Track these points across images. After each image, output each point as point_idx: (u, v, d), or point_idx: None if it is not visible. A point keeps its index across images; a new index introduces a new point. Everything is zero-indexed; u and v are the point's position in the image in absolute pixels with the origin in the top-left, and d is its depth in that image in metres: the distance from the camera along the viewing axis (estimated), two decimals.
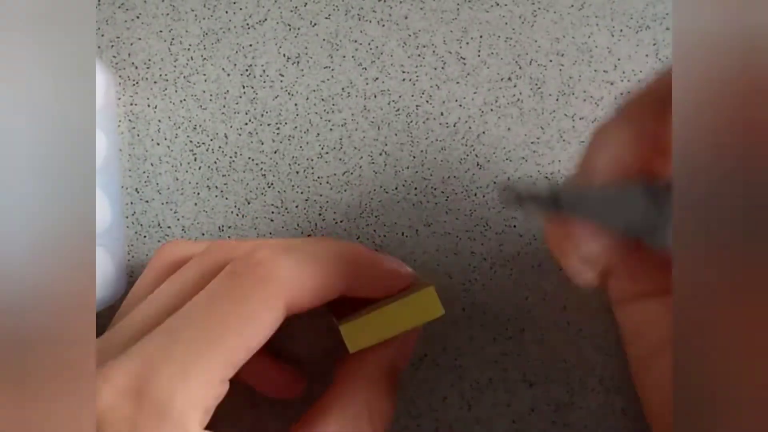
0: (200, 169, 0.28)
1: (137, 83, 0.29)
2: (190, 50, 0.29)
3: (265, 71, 0.29)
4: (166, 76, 0.29)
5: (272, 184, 0.28)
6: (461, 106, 0.28)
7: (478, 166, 0.28)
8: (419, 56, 0.28)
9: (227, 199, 0.28)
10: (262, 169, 0.28)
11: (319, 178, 0.28)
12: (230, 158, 0.28)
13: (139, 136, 0.29)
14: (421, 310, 0.22)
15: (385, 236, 0.28)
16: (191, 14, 0.29)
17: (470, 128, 0.28)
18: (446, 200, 0.28)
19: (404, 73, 0.28)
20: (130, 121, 0.29)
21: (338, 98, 0.28)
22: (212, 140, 0.28)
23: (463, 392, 0.27)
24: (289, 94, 0.29)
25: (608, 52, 0.28)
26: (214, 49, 0.29)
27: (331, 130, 0.28)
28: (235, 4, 0.29)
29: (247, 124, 0.28)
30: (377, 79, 0.28)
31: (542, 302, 0.27)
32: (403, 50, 0.29)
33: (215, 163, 0.28)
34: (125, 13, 0.29)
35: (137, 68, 0.29)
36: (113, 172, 0.28)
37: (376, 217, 0.28)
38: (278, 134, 0.28)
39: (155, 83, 0.29)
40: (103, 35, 0.29)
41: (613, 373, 0.26)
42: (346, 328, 0.22)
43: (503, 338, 0.27)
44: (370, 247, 0.27)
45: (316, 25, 0.29)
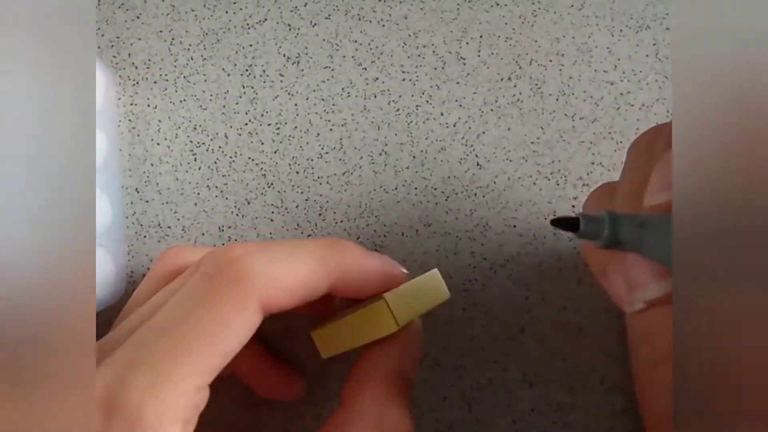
0: (200, 169, 0.28)
1: (137, 83, 0.29)
2: (190, 50, 0.29)
3: (265, 71, 0.29)
4: (166, 76, 0.29)
5: (272, 184, 0.28)
6: (461, 106, 0.28)
7: (478, 166, 0.28)
8: (419, 56, 0.28)
9: (227, 199, 0.28)
10: (262, 169, 0.28)
11: (319, 178, 0.28)
12: (230, 158, 0.28)
13: (139, 136, 0.29)
14: (383, 320, 0.20)
15: (385, 236, 0.28)
16: (191, 14, 0.29)
17: (470, 128, 0.28)
18: (446, 200, 0.28)
19: (404, 73, 0.28)
20: (130, 121, 0.29)
21: (338, 98, 0.28)
22: (212, 140, 0.28)
23: (463, 392, 0.27)
24: (289, 94, 0.29)
25: (608, 52, 0.28)
26: (214, 49, 0.29)
27: (331, 130, 0.28)
28: (235, 4, 0.29)
29: (247, 124, 0.28)
30: (377, 79, 0.28)
31: (542, 302, 0.27)
32: (403, 50, 0.29)
33: (215, 163, 0.28)
34: (125, 13, 0.29)
35: (137, 68, 0.29)
36: (113, 172, 0.28)
37: (376, 217, 0.28)
38: (278, 134, 0.28)
39: (155, 83, 0.29)
40: (103, 35, 0.29)
41: (613, 373, 0.26)
42: (317, 334, 0.21)
43: (503, 338, 0.27)
44: (369, 247, 0.27)
45: (316, 25, 0.29)
